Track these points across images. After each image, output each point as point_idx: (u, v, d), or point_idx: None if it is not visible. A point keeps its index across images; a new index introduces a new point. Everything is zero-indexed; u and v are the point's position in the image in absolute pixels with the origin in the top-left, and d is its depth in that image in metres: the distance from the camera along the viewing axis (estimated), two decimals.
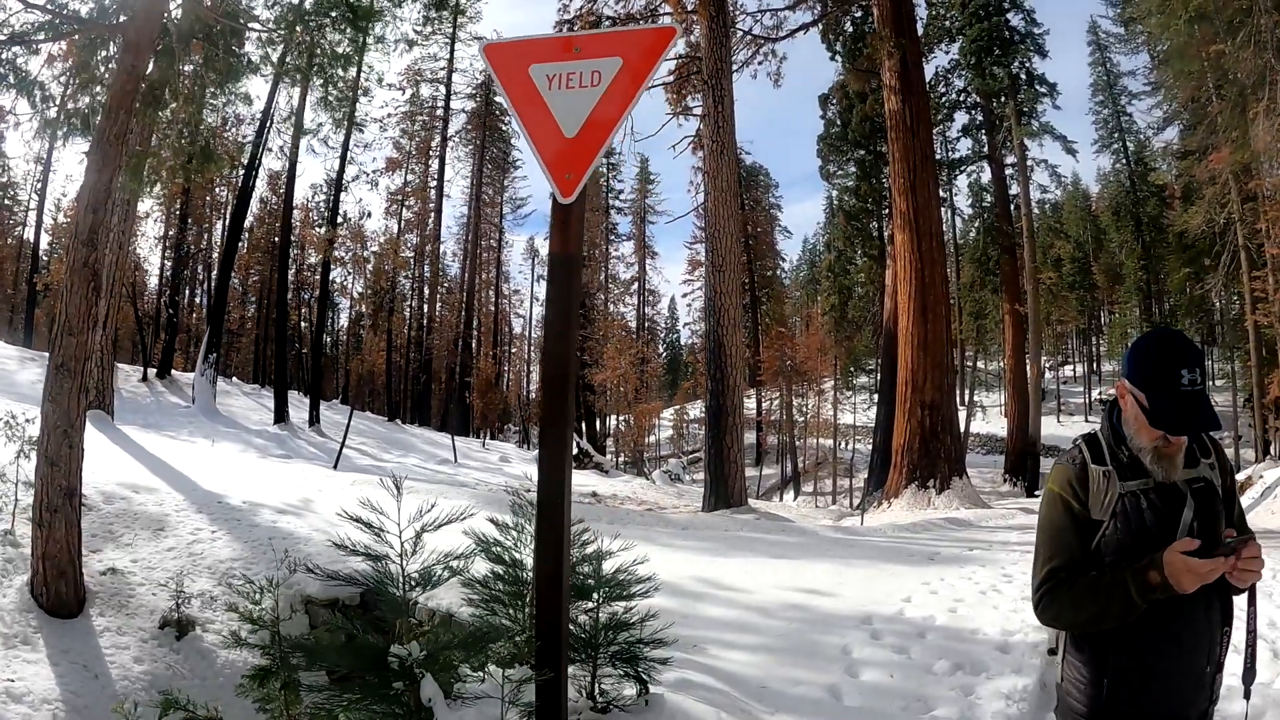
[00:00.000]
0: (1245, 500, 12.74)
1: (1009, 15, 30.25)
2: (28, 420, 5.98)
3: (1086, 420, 42.26)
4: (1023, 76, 30.01)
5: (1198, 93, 21.15)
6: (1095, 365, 51.57)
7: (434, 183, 41.14)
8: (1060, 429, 39.40)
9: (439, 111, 40.75)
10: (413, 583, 3.04)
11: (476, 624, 3.92)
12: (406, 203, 41.26)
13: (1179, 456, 2.04)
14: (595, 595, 3.90)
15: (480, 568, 3.91)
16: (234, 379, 33.89)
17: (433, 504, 3.04)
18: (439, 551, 3.23)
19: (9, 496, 5.82)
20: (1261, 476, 14.79)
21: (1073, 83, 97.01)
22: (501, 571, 3.92)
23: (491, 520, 4.05)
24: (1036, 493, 23.42)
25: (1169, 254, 35.25)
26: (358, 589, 3.78)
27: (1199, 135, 21.07)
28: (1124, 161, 42.43)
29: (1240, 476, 14.65)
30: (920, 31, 24.43)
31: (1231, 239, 22.06)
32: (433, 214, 41.18)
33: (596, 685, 3.92)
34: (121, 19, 6.90)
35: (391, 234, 40.32)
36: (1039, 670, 4.77)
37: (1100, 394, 44.68)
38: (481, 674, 3.25)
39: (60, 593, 5.00)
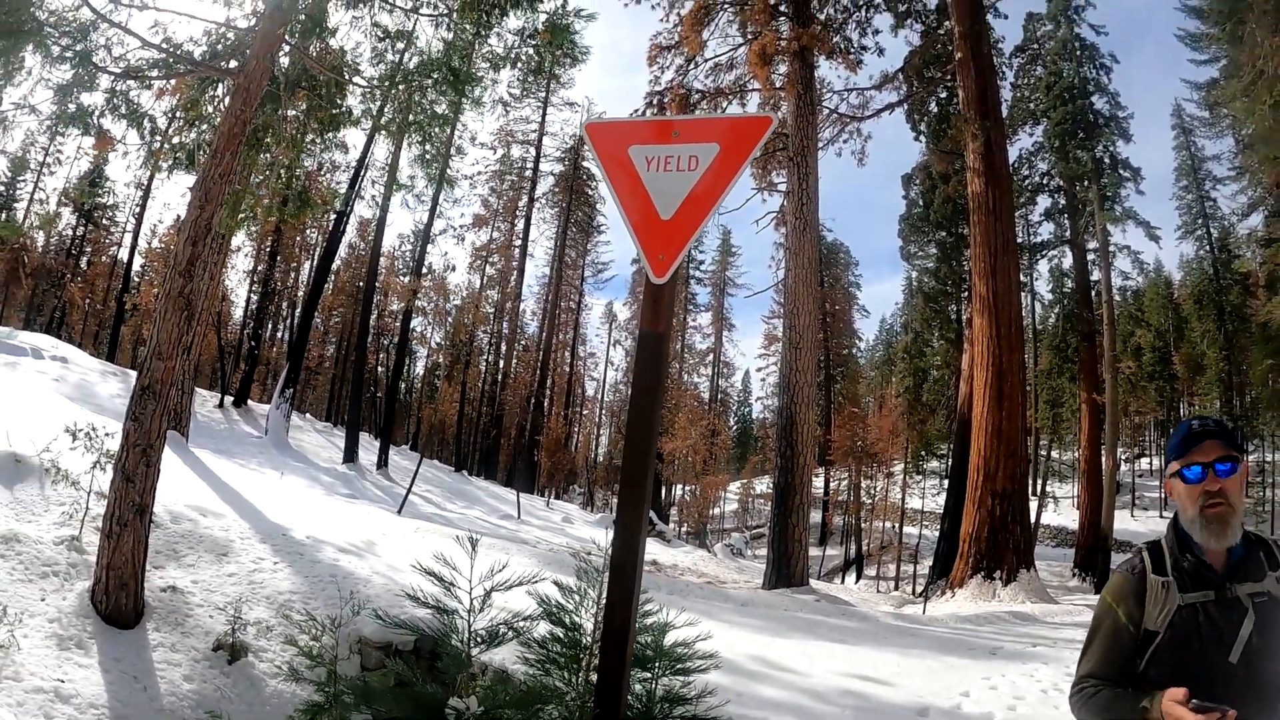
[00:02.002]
0: None
1: (1093, 99, 29.87)
2: (107, 434, 6.16)
3: (1161, 515, 40.44)
4: (1106, 161, 29.40)
5: None
6: None
7: (519, 242, 42.05)
8: (1133, 524, 37.88)
9: (528, 172, 41.85)
10: (479, 639, 3.01)
11: (530, 683, 3.86)
12: (490, 259, 42.25)
13: (1232, 520, 2.03)
14: (654, 667, 3.82)
15: (539, 628, 3.87)
16: (307, 415, 34.70)
17: (505, 563, 3.02)
18: (506, 610, 3.20)
19: (80, 505, 5.97)
20: None
21: (1156, 167, 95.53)
22: (560, 634, 3.86)
23: (555, 583, 4.02)
24: None
25: (1252, 345, 33.98)
26: (413, 636, 3.75)
27: None
28: (1207, 248, 41.22)
29: None
30: (1005, 114, 24.32)
31: None
32: (515, 272, 42.03)
33: None
34: (233, 64, 7.25)
35: (474, 289, 41.35)
36: None
37: None
38: None
39: (119, 603, 5.09)
